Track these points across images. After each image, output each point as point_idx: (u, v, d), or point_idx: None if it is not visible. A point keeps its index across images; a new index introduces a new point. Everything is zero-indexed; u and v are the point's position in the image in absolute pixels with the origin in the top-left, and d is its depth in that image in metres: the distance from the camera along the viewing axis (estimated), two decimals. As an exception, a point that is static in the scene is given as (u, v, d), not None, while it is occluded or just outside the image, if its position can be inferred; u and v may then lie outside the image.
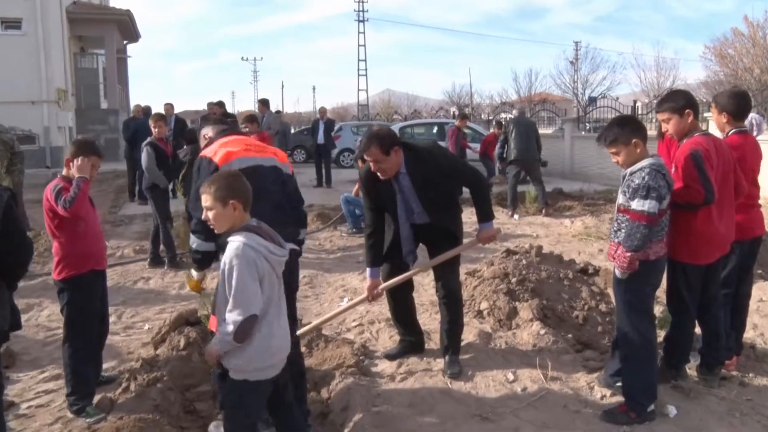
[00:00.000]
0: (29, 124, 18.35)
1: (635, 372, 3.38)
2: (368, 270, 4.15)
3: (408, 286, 4.34)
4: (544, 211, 10.31)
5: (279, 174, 3.40)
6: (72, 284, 3.63)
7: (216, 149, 3.31)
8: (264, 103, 13.48)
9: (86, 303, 3.67)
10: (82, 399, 3.61)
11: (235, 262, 2.51)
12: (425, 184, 3.90)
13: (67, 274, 3.61)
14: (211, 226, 2.73)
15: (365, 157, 3.83)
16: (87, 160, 3.56)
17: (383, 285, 4.12)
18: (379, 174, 3.84)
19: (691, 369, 3.89)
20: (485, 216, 4.04)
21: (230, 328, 2.51)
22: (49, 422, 3.59)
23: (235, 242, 2.56)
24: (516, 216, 10.16)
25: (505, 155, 10.64)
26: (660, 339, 3.89)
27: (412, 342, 4.37)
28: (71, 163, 3.57)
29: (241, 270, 2.51)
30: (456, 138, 11.99)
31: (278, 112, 17.40)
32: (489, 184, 12.81)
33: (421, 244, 4.21)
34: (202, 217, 2.76)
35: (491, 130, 14.19)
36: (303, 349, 4.41)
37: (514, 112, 12.21)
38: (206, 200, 2.65)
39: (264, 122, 12.47)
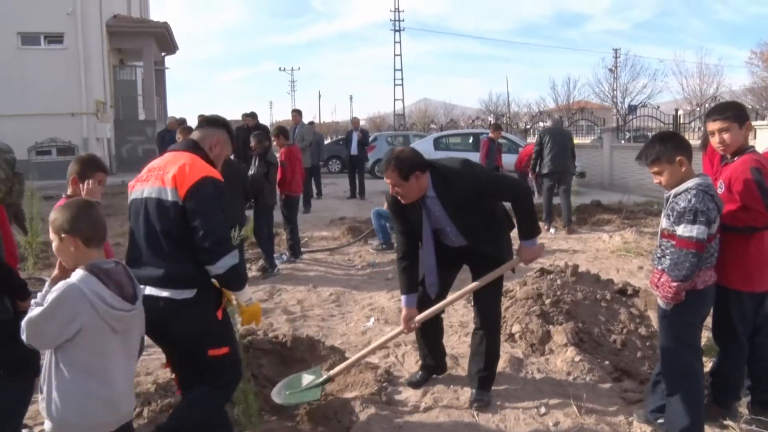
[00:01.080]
0: (69, 135, 18.74)
1: (680, 410, 3.09)
2: (403, 298, 3.80)
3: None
4: (567, 228, 9.84)
5: (154, 205, 2.79)
6: None
7: None
8: (298, 113, 13.43)
9: None
10: None
11: (52, 296, 2.22)
12: (457, 208, 3.58)
13: None
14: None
15: (385, 179, 3.58)
16: (96, 182, 3.38)
17: (420, 316, 3.81)
18: (399, 198, 3.59)
19: (742, 407, 3.56)
20: (528, 233, 3.68)
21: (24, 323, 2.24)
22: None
23: (69, 277, 2.28)
24: (552, 230, 9.84)
25: (538, 168, 10.11)
26: (706, 370, 3.59)
27: (433, 366, 4.15)
28: (80, 184, 3.41)
29: (50, 307, 2.20)
30: (488, 150, 11.56)
31: (311, 123, 17.33)
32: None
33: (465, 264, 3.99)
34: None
35: (528, 143, 13.68)
36: (325, 372, 4.25)
37: (549, 122, 11.67)
38: (50, 231, 2.37)
39: (297, 133, 12.39)
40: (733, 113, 3.26)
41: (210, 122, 3.13)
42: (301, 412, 3.73)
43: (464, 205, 3.58)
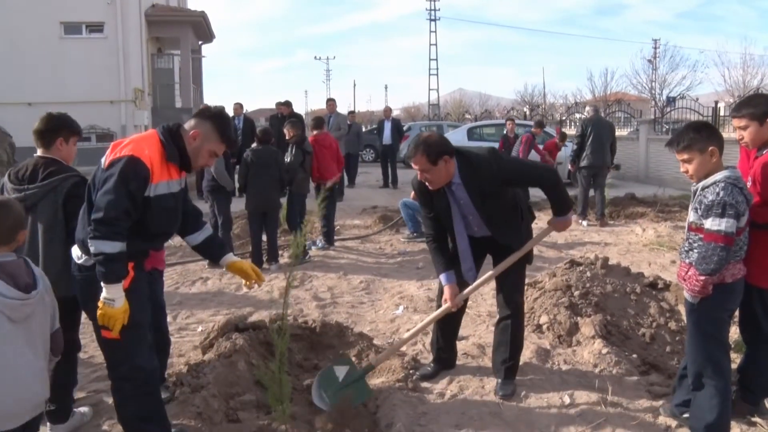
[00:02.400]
0: (108, 122, 19.11)
1: (706, 404, 3.07)
2: (442, 277, 3.77)
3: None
4: (600, 221, 9.78)
5: (96, 171, 2.88)
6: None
7: None
8: (333, 102, 13.57)
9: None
10: None
11: None
12: (483, 196, 3.57)
13: None
14: None
15: (412, 165, 3.58)
16: None
17: (464, 292, 3.78)
18: (427, 184, 3.61)
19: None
20: (561, 210, 3.71)
21: None
22: (96, 423, 3.61)
23: None
24: (584, 223, 9.76)
25: (577, 158, 10.03)
26: (734, 365, 3.56)
27: (444, 358, 4.18)
28: None
29: None
30: (529, 146, 11.50)
31: (351, 112, 17.29)
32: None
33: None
34: None
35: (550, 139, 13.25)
36: (354, 359, 4.31)
37: (588, 109, 11.33)
38: None
39: (332, 122, 12.47)
40: (752, 111, 3.19)
41: (199, 114, 3.08)
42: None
43: (490, 192, 3.57)
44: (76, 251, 2.92)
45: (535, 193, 12.15)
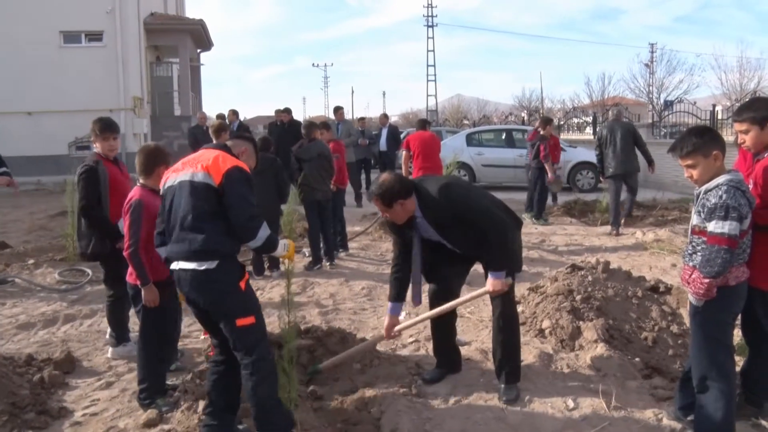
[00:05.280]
0: (107, 131, 19.16)
1: (710, 407, 3.08)
2: (389, 305, 4.04)
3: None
4: (623, 220, 9.52)
5: (187, 187, 3.18)
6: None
7: None
8: (342, 110, 13.63)
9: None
10: (155, 393, 3.83)
11: None
12: (444, 229, 3.78)
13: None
14: None
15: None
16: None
17: (401, 325, 4.04)
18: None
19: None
20: (493, 265, 3.73)
21: None
22: (101, 431, 3.62)
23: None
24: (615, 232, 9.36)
25: (602, 167, 9.66)
26: (738, 368, 3.56)
27: (447, 362, 4.22)
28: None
29: None
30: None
31: (362, 118, 17.23)
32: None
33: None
34: None
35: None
36: (357, 365, 4.32)
37: (613, 110, 10.68)
38: None
39: (341, 130, 12.51)
40: (752, 116, 3.21)
41: (239, 136, 3.66)
42: (333, 403, 3.81)
43: (449, 228, 3.76)
44: (198, 264, 3.13)
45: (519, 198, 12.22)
